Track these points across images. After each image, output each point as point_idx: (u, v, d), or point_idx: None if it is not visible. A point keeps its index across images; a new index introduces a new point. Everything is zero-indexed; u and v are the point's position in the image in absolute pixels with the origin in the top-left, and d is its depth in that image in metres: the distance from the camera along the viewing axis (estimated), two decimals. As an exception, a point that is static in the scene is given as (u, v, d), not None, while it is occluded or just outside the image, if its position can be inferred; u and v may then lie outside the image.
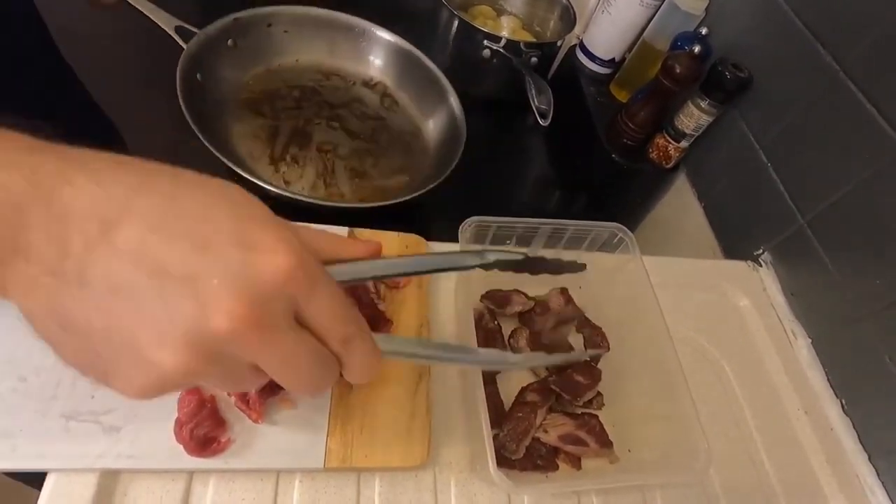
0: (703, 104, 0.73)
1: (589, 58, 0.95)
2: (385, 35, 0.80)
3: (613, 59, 0.94)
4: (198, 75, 0.65)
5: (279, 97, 0.74)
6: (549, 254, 0.39)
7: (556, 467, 0.48)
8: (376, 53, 0.82)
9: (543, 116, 0.73)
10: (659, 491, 0.50)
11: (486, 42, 0.84)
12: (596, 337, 0.56)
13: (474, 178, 0.73)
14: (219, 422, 0.42)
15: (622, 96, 0.93)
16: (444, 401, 0.50)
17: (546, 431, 0.48)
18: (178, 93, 0.60)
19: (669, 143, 0.80)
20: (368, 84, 0.82)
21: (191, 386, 0.37)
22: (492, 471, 0.39)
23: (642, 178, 0.86)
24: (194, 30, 0.66)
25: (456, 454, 0.48)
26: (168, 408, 0.42)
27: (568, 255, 0.46)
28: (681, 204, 0.85)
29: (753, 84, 0.71)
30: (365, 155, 0.75)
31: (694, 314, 0.64)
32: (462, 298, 0.56)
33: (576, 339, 0.58)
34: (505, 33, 0.87)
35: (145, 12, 0.64)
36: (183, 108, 0.59)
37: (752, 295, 0.68)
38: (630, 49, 0.92)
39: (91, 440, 0.40)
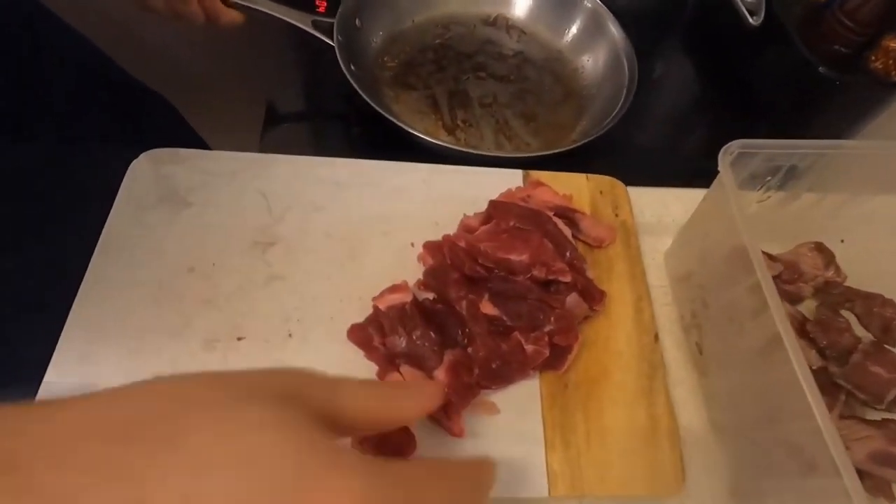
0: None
1: (767, -53, 0.73)
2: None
3: (803, -56, 0.71)
4: (352, 66, 0.55)
5: (417, 64, 0.64)
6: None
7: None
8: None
9: (754, 13, 0.54)
10: None
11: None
12: (879, 312, 0.39)
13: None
14: (407, 438, 0.31)
15: (816, -7, 0.71)
16: (686, 398, 0.36)
17: (847, 448, 0.33)
18: (359, 90, 0.50)
19: (908, 44, 0.59)
20: (488, 22, 0.68)
21: None
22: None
23: (854, 95, 0.65)
24: (330, 20, 0.56)
25: (716, 479, 0.35)
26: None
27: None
28: (907, 128, 0.64)
29: None
30: (524, 95, 0.62)
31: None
32: (678, 260, 0.41)
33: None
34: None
35: (279, 15, 0.53)
36: (371, 103, 0.49)
37: None
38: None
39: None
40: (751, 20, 0.52)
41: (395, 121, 0.50)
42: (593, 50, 0.64)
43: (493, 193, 0.42)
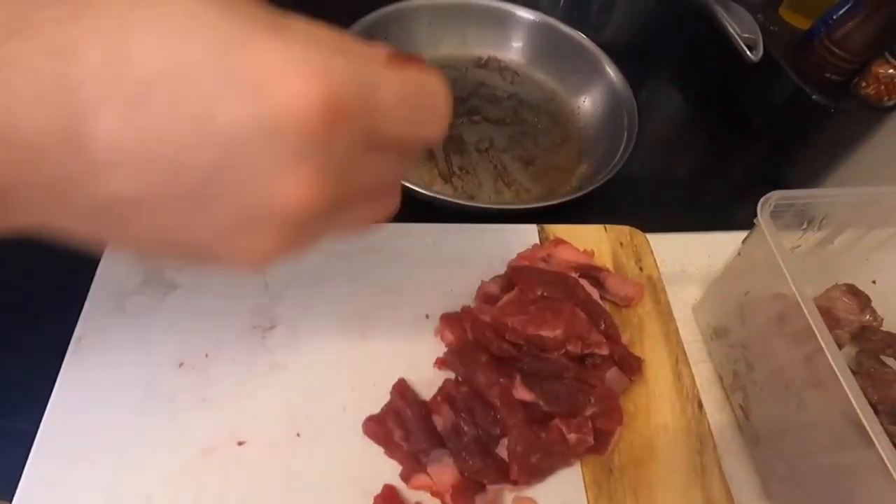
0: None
1: (746, -21, 0.73)
2: (474, 1, 0.64)
3: (781, -25, 0.72)
4: None
5: None
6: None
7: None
8: (470, 27, 0.65)
9: (752, 48, 0.53)
10: None
11: (627, -30, 0.64)
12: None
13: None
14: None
15: (798, 21, 0.70)
16: (735, 469, 0.33)
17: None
18: None
19: (899, 69, 0.58)
20: (480, 64, 0.66)
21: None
22: None
23: (847, 120, 0.64)
24: None
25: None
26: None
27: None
28: (899, 151, 0.64)
29: None
30: (522, 138, 0.59)
31: None
32: (711, 314, 0.38)
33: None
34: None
35: None
36: None
37: None
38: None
39: None
40: (750, 55, 0.51)
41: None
42: (589, 89, 0.62)
43: (509, 253, 0.38)
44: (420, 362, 0.33)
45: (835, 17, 0.64)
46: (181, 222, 0.16)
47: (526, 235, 0.39)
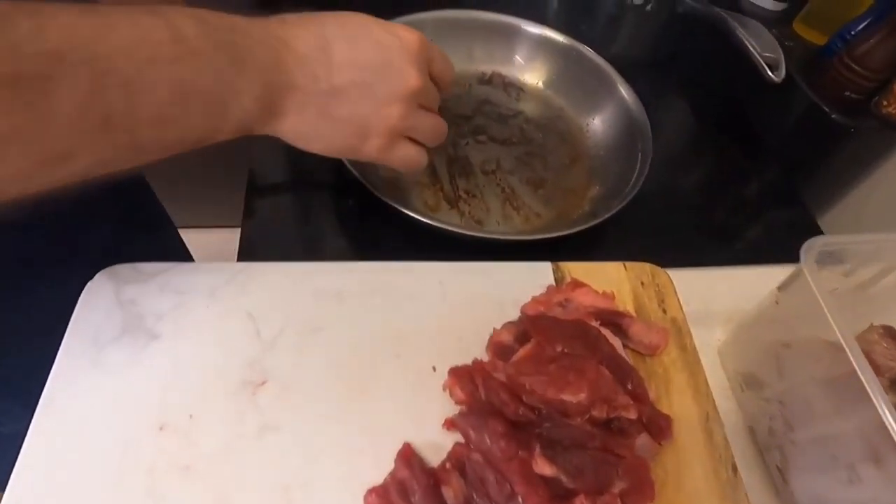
0: None
1: (759, -9, 0.70)
2: (480, 15, 0.61)
3: (795, -12, 0.69)
4: None
5: None
6: None
7: None
8: (475, 42, 0.62)
9: (774, 68, 0.50)
10: None
11: (636, -17, 0.62)
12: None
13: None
14: None
15: (814, 37, 0.68)
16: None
17: None
18: (351, 167, 0.44)
19: (923, 89, 0.56)
20: (483, 80, 0.63)
21: (410, 128, 0.37)
22: None
23: (866, 139, 0.62)
24: None
25: None
26: None
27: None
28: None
29: None
30: (530, 158, 0.56)
31: None
32: (740, 360, 0.35)
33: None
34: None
35: None
36: (361, 179, 0.43)
37: None
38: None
39: None
40: (772, 76, 0.48)
41: (394, 204, 0.44)
42: (599, 108, 0.59)
43: (522, 295, 0.35)
44: (427, 422, 0.30)
45: (853, 32, 0.62)
46: (360, 101, 0.32)
47: (540, 275, 0.36)
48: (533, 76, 0.63)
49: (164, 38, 0.23)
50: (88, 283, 0.33)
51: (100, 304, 0.32)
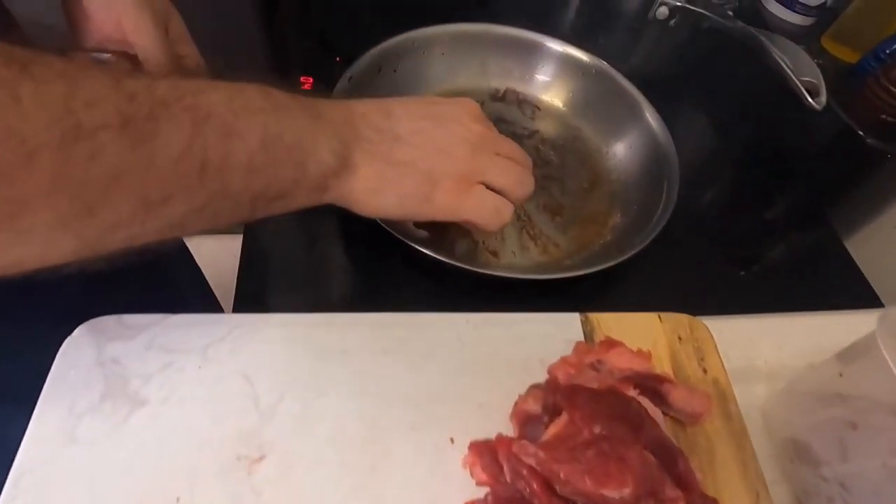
0: None
1: (786, 5, 0.67)
2: (494, 29, 0.57)
3: (824, 2, 0.65)
4: None
5: None
6: None
7: None
8: (489, 56, 0.58)
9: (815, 93, 0.46)
10: None
11: (660, -4, 0.58)
12: None
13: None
14: None
15: (845, 54, 0.64)
16: None
17: None
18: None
19: (966, 113, 0.52)
20: (497, 97, 0.59)
21: (483, 170, 0.36)
22: None
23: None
24: None
25: None
26: None
27: None
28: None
29: None
30: (547, 183, 0.53)
31: None
32: (789, 427, 0.31)
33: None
34: (679, -18, 0.60)
35: None
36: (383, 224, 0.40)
37: None
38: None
39: None
40: (812, 103, 0.44)
41: (403, 239, 0.40)
42: (620, 129, 0.55)
43: (547, 351, 0.32)
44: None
45: (888, 51, 0.58)
46: (424, 145, 0.34)
47: (567, 328, 0.33)
48: (549, 93, 0.60)
49: (256, 94, 0.27)
50: (67, 340, 0.29)
51: (79, 363, 0.29)
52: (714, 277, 0.51)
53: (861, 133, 0.56)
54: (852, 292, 0.54)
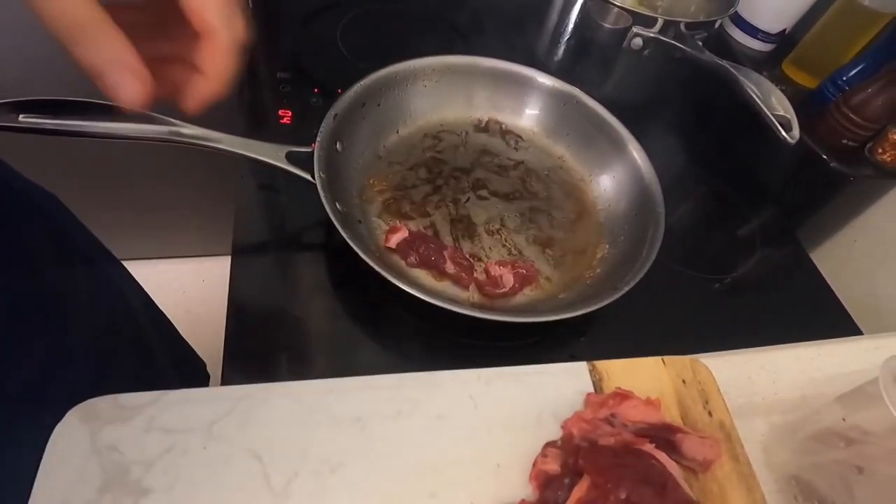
0: None
1: (748, 32, 0.70)
2: (482, 62, 0.57)
3: (784, 30, 0.69)
4: (336, 204, 0.44)
5: (409, 186, 0.53)
6: None
7: None
8: (474, 88, 0.59)
9: (788, 128, 0.48)
10: None
11: (635, 29, 0.59)
12: None
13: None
14: None
15: (804, 79, 0.68)
16: None
17: None
18: (363, 255, 0.39)
19: (919, 138, 0.56)
20: (480, 127, 0.60)
21: None
22: None
23: (861, 185, 0.62)
24: (305, 149, 0.45)
25: None
26: None
27: None
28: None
29: None
30: (534, 215, 0.53)
31: None
32: (790, 463, 0.32)
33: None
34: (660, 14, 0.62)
35: (245, 153, 0.42)
36: (371, 263, 0.39)
37: None
38: (803, 16, 0.67)
39: None
40: (787, 137, 0.46)
41: (399, 283, 0.40)
42: (604, 159, 0.56)
43: (559, 405, 0.32)
44: (471, 577, 0.26)
45: (845, 78, 0.62)
46: None
47: (576, 378, 0.33)
48: (531, 122, 0.60)
49: None
50: (56, 428, 0.27)
51: (72, 453, 0.27)
52: (696, 297, 0.53)
53: (825, 157, 0.59)
54: (821, 304, 0.58)
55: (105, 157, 0.86)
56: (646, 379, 0.33)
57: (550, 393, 0.32)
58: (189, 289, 1.16)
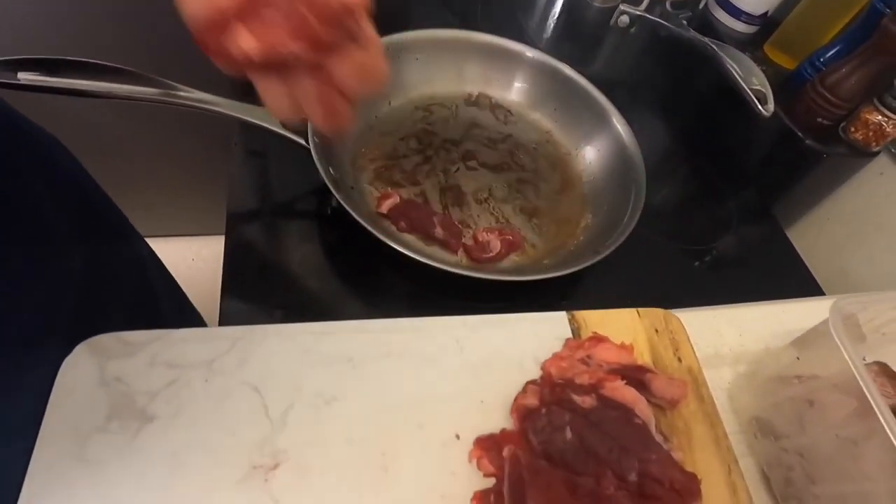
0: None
1: (732, 14, 0.71)
2: (474, 37, 0.59)
3: (766, 12, 0.71)
4: (330, 169, 0.46)
5: (400, 155, 0.55)
6: None
7: None
8: (465, 62, 0.60)
9: (764, 101, 0.51)
10: None
11: (622, 6, 0.61)
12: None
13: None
14: None
15: (784, 61, 0.70)
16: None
17: None
18: (356, 216, 0.41)
19: (889, 117, 0.58)
20: (470, 101, 0.61)
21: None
22: None
23: (835, 163, 0.64)
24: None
25: None
26: None
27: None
28: (883, 194, 0.64)
29: None
30: (521, 186, 0.55)
31: None
32: (754, 407, 0.35)
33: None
34: (638, -8, 0.64)
35: (241, 116, 0.43)
36: (364, 224, 0.41)
37: None
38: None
39: None
40: (762, 110, 0.49)
41: (391, 243, 0.41)
42: (589, 134, 0.58)
43: (540, 349, 0.34)
44: (454, 497, 0.28)
45: (822, 59, 0.64)
46: None
47: (556, 325, 0.35)
48: (519, 96, 0.62)
49: None
50: (65, 360, 0.29)
51: (80, 384, 0.28)
52: (675, 266, 0.55)
53: (801, 135, 0.61)
54: (794, 275, 0.61)
55: (93, 133, 0.86)
56: (621, 328, 0.36)
57: (532, 339, 0.34)
58: (179, 268, 1.17)
